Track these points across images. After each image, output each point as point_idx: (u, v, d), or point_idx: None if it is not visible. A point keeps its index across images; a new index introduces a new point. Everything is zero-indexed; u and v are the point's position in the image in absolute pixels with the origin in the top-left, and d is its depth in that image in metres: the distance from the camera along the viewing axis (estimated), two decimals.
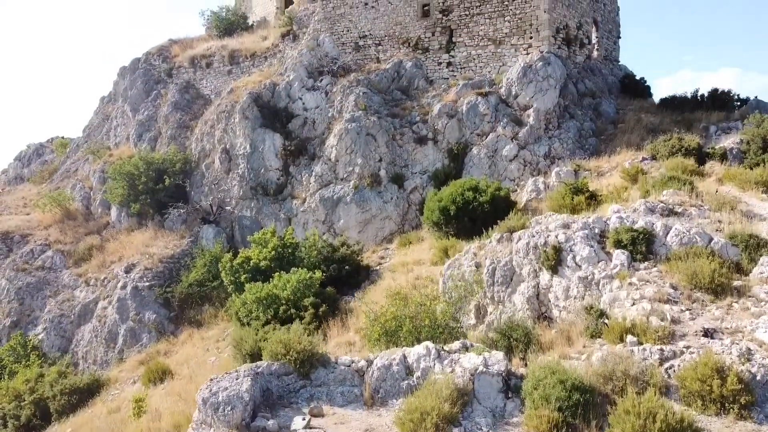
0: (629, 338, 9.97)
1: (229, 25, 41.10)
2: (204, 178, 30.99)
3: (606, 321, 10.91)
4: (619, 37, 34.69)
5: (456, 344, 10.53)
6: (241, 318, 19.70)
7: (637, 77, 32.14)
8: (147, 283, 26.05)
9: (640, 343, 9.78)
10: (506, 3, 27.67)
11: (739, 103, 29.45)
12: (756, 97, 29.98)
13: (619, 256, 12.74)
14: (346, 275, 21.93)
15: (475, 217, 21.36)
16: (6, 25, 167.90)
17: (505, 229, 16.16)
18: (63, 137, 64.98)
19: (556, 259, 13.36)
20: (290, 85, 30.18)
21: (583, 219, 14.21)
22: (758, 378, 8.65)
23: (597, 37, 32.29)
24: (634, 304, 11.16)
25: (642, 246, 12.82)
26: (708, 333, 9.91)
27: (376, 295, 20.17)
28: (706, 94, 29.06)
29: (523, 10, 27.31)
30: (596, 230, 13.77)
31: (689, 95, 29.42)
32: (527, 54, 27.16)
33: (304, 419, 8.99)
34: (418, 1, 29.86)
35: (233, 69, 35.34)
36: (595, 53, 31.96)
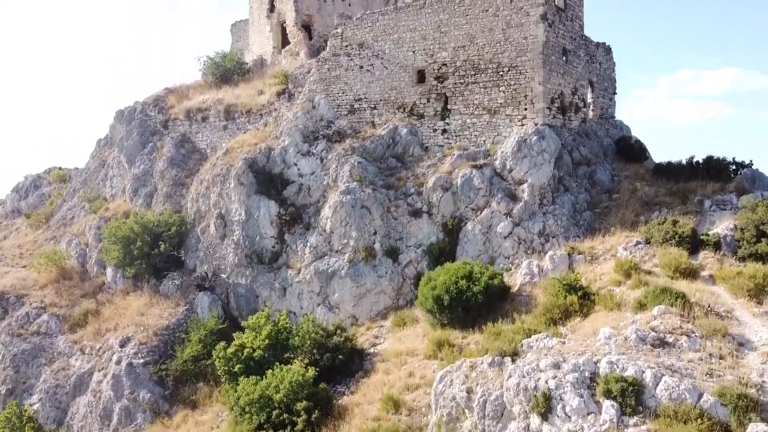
0: None
1: (226, 72, 41.14)
2: (199, 242, 30.98)
3: None
4: (614, 93, 34.68)
5: None
6: (236, 416, 19.77)
7: (632, 139, 32.13)
8: (142, 360, 26.05)
9: None
10: (501, 73, 27.66)
11: (734, 167, 29.45)
12: (751, 161, 30.03)
13: (609, 410, 12.75)
14: (339, 364, 21.91)
15: (469, 307, 21.42)
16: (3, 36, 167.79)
17: (497, 351, 16.23)
18: (60, 168, 65.16)
19: (546, 407, 13.38)
20: (285, 150, 30.17)
21: (574, 360, 14.17)
22: None
23: (593, 98, 32.30)
24: None
25: (631, 399, 12.82)
26: None
27: (369, 391, 20.23)
28: (701, 161, 29.01)
29: (518, 81, 27.30)
30: (586, 374, 13.76)
31: (684, 161, 29.42)
32: (522, 125, 27.16)
33: None
34: (413, 67, 29.86)
35: (229, 125, 35.34)
36: (590, 114, 31.96)
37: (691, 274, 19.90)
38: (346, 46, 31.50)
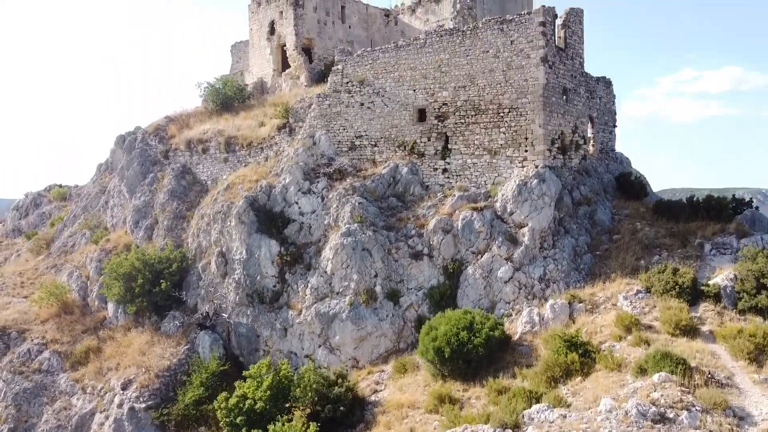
0: None
1: (226, 99, 41.18)
2: (200, 279, 31.03)
3: None
4: (615, 126, 34.74)
5: None
6: None
7: (632, 175, 32.21)
8: (143, 404, 26.10)
9: None
10: (501, 115, 27.71)
11: (734, 205, 29.52)
12: (751, 199, 30.13)
13: None
14: (340, 416, 21.96)
15: (470, 359, 21.50)
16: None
17: (498, 423, 16.27)
18: (60, 185, 65.31)
19: None
20: (286, 188, 30.21)
21: None
22: None
23: (593, 133, 32.35)
24: None
25: None
26: None
27: None
28: (701, 200, 29.08)
29: (519, 123, 27.35)
30: None
31: (684, 200, 29.50)
32: (522, 167, 27.22)
33: None
34: (413, 105, 29.91)
35: (229, 157, 35.38)
36: (591, 149, 32.00)
37: (692, 331, 19.95)
38: (347, 82, 31.54)
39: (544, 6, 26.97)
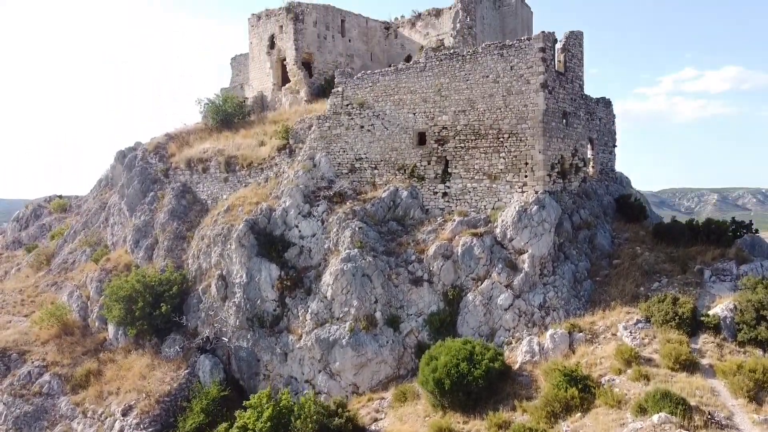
0: None
1: (227, 116, 41.23)
2: (201, 302, 31.06)
3: None
4: (614, 146, 34.77)
5: None
6: None
7: (632, 197, 32.21)
8: (144, 431, 26.12)
9: None
10: (501, 140, 27.73)
11: (734, 227, 29.55)
12: (751, 221, 30.15)
13: None
14: None
15: (470, 391, 21.50)
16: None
17: None
18: (60, 196, 65.39)
19: None
20: (286, 211, 30.24)
21: None
22: None
23: (593, 154, 32.38)
24: None
25: None
26: None
27: None
28: (701, 224, 29.11)
29: (518, 148, 27.37)
30: None
31: (684, 222, 29.52)
32: (522, 192, 27.25)
33: None
34: (413, 129, 29.94)
35: (230, 176, 35.42)
36: (590, 171, 32.04)
37: (691, 365, 19.96)
38: (347, 105, 31.58)
39: (543, 32, 26.99)
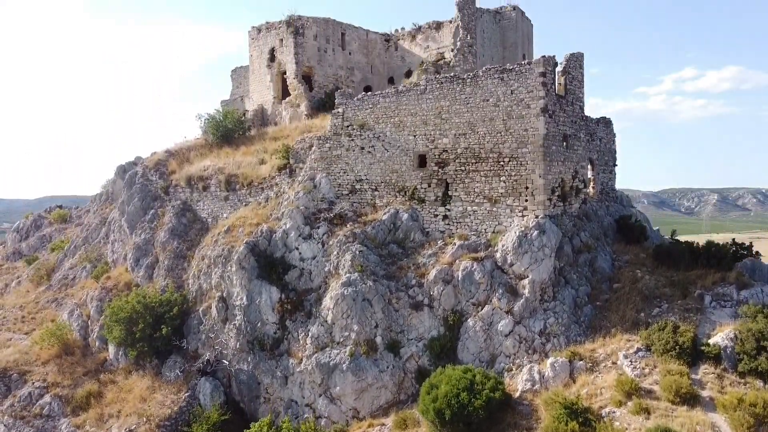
0: None
1: (227, 132, 41.22)
2: (201, 323, 31.07)
3: None
4: (615, 165, 34.77)
5: None
6: None
7: (632, 218, 32.22)
8: None
9: None
10: (502, 164, 27.74)
11: (734, 249, 29.57)
12: (751, 243, 30.15)
13: None
14: None
15: (470, 421, 21.51)
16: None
17: None
18: (60, 207, 65.44)
19: None
20: (287, 233, 30.24)
21: None
22: None
23: (593, 175, 32.37)
24: None
25: None
26: None
27: None
28: (701, 246, 29.11)
29: (519, 172, 27.37)
30: None
31: (684, 244, 29.51)
32: (523, 216, 27.25)
33: None
34: (414, 151, 29.94)
35: (230, 195, 35.41)
36: (591, 191, 32.03)
37: (692, 398, 19.98)
38: (347, 126, 31.58)
39: (544, 56, 26.98)
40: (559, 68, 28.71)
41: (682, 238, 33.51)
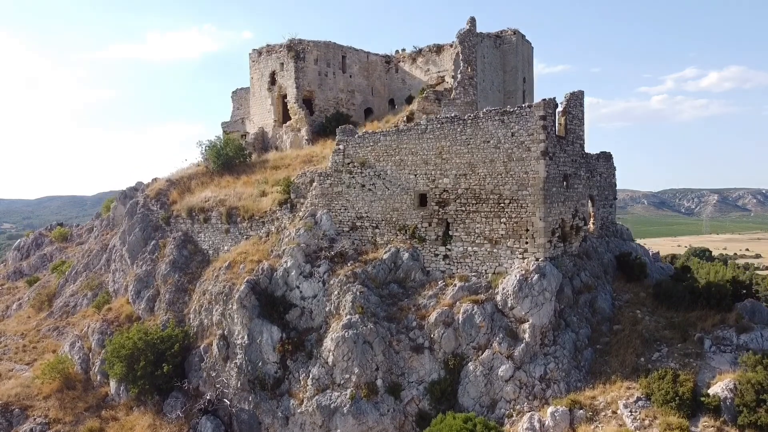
0: None
1: (228, 160, 41.32)
2: (202, 360, 31.14)
3: None
4: (615, 199, 34.85)
5: None
6: None
7: (632, 255, 32.29)
8: None
9: None
10: (502, 205, 27.82)
11: (733, 287, 29.64)
12: (751, 280, 30.19)
13: None
14: None
15: None
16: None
17: None
18: (61, 225, 65.55)
19: None
20: (288, 272, 30.32)
21: None
22: None
23: (593, 210, 32.45)
24: None
25: None
26: None
27: None
28: (701, 286, 29.19)
29: (519, 214, 27.46)
30: None
31: (684, 285, 29.59)
32: (523, 258, 27.32)
33: None
34: (414, 190, 30.03)
35: (231, 228, 35.50)
36: (591, 227, 32.11)
37: None
38: (348, 163, 31.66)
39: (544, 99, 27.05)
40: (559, 109, 28.77)
41: (682, 239, 33.72)
